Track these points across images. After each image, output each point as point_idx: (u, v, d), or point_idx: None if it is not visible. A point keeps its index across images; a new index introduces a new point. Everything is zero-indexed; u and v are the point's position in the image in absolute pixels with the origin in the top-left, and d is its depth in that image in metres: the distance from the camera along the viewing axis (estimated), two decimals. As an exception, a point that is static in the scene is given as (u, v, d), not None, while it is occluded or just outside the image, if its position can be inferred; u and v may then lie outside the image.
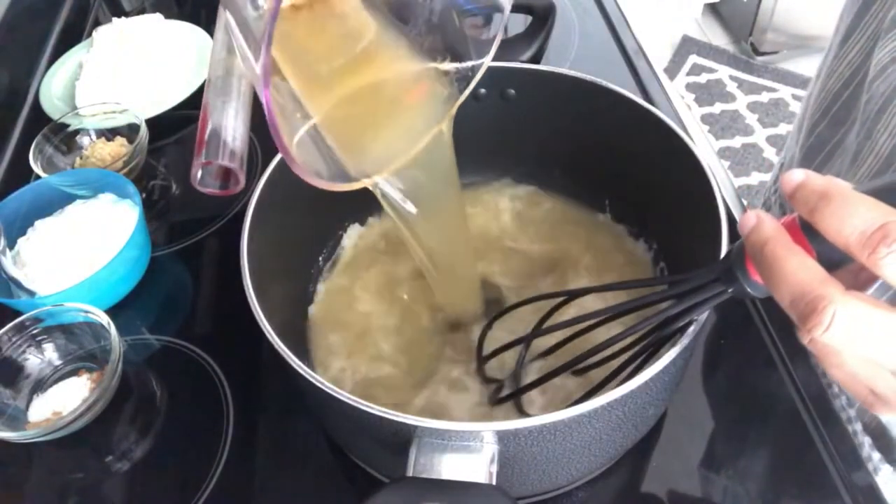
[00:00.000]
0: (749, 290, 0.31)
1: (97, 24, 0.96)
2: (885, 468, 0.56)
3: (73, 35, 0.98)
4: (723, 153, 1.99)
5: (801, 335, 0.27)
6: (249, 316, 0.42)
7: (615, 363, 0.42)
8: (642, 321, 0.38)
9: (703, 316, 0.39)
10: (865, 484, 0.49)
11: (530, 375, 0.50)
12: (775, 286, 0.27)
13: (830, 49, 0.60)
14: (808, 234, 0.27)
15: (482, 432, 0.37)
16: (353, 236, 0.63)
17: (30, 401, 0.57)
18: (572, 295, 0.46)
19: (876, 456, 0.57)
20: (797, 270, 0.26)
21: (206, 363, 0.59)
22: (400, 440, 0.38)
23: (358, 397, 0.38)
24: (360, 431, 0.44)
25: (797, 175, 0.27)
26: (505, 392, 0.49)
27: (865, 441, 0.57)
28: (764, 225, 0.28)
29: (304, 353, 0.56)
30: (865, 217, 0.24)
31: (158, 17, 0.93)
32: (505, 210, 0.63)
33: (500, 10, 0.39)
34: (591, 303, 0.53)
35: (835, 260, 0.27)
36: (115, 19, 0.92)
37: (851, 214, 0.25)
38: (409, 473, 0.37)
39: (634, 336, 0.39)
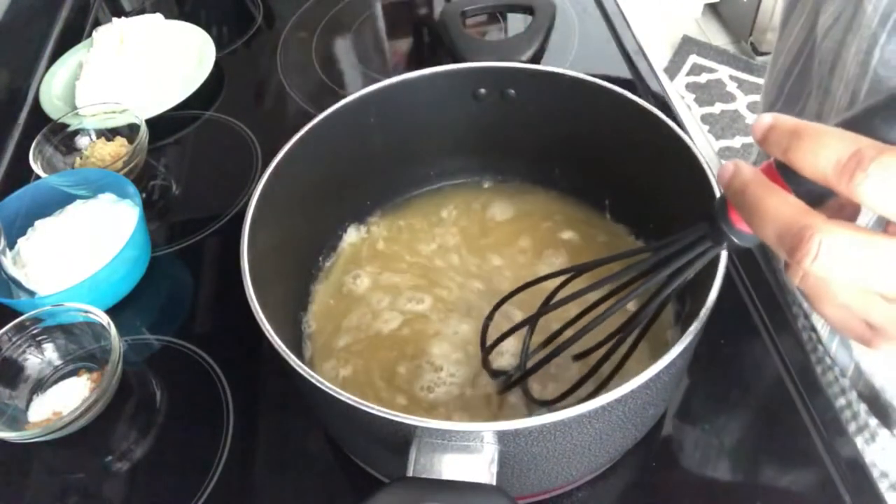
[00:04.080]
0: (736, 240, 0.32)
1: (97, 24, 0.96)
2: (883, 433, 0.57)
3: (73, 35, 0.98)
4: (723, 153, 1.99)
5: (792, 273, 0.27)
6: (249, 316, 0.42)
7: (617, 336, 0.42)
8: (635, 289, 0.38)
9: (703, 316, 0.39)
10: (849, 454, 0.50)
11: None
12: (760, 226, 0.27)
13: (777, 31, 0.63)
14: (784, 175, 0.28)
15: (482, 432, 0.37)
16: (352, 236, 0.63)
17: (30, 401, 0.57)
18: (565, 273, 0.46)
19: (873, 422, 0.57)
20: (779, 206, 0.27)
21: (206, 363, 0.59)
22: (400, 440, 0.38)
23: (358, 397, 0.38)
24: (360, 431, 0.44)
25: (766, 118, 0.27)
26: (511, 380, 0.50)
27: (861, 409, 0.58)
28: (742, 171, 0.29)
29: (303, 353, 0.56)
30: (838, 147, 0.25)
31: (158, 17, 0.93)
32: (505, 210, 0.63)
33: None
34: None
35: (814, 195, 0.27)
36: (115, 19, 0.92)
37: (824, 146, 0.25)
38: (410, 473, 0.37)
39: (629, 304, 0.39)
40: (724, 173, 0.29)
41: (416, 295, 0.58)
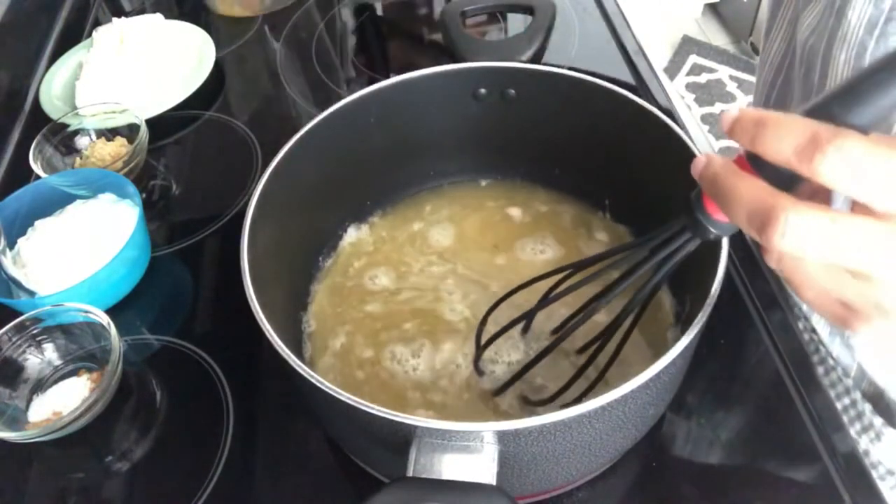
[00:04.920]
0: (713, 230, 0.33)
1: (97, 24, 0.96)
2: (888, 432, 0.58)
3: (73, 35, 0.98)
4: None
5: (767, 256, 0.29)
6: (249, 316, 0.42)
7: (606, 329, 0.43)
8: (622, 281, 0.40)
9: (703, 316, 0.40)
10: (846, 449, 0.50)
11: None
12: (732, 209, 0.29)
13: (761, 43, 0.65)
14: (754, 164, 0.29)
15: (482, 432, 0.37)
16: (352, 236, 0.63)
17: (30, 401, 0.57)
18: (557, 272, 0.46)
19: (878, 421, 0.58)
20: (749, 189, 0.28)
21: (206, 363, 0.59)
22: (400, 440, 0.38)
23: (358, 397, 0.38)
24: (360, 431, 0.44)
25: (733, 112, 0.29)
26: (504, 380, 0.50)
27: (866, 408, 0.58)
28: (713, 161, 0.31)
29: (303, 353, 0.56)
30: (798, 132, 0.26)
31: (158, 17, 0.93)
32: (505, 210, 0.63)
33: None
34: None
35: (784, 181, 0.28)
36: (115, 19, 0.92)
37: (786, 132, 0.27)
38: (410, 473, 0.37)
39: (616, 297, 0.41)
40: (698, 165, 0.31)
41: (417, 293, 0.58)
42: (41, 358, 0.59)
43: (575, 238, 0.61)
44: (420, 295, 0.58)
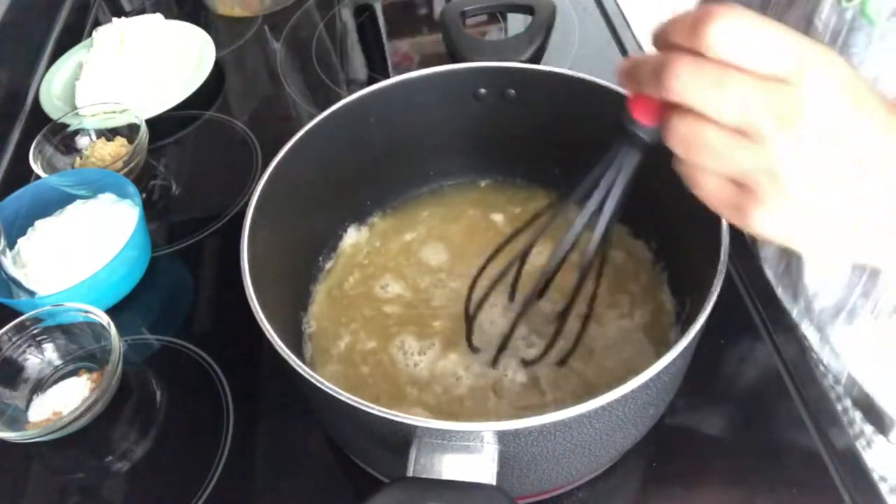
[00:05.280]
0: (644, 136, 0.36)
1: (97, 24, 0.96)
2: (879, 439, 0.58)
3: (73, 35, 0.98)
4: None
5: (668, 131, 0.32)
6: (249, 316, 0.42)
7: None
8: (577, 220, 0.42)
9: (704, 316, 0.40)
10: (844, 447, 0.50)
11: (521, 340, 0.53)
12: (643, 77, 0.32)
13: None
14: None
15: (482, 432, 0.37)
16: (352, 236, 0.63)
17: (30, 401, 0.57)
18: (518, 233, 0.48)
19: (868, 429, 0.58)
20: (657, 55, 0.32)
21: (206, 363, 0.59)
22: (400, 440, 0.38)
23: (362, 388, 0.38)
24: (360, 431, 0.44)
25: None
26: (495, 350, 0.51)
27: (857, 416, 0.59)
28: (635, 56, 0.34)
29: (304, 354, 0.56)
30: (686, 20, 0.30)
31: (158, 17, 0.93)
32: (505, 209, 0.63)
33: None
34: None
35: None
36: (115, 19, 0.92)
37: (680, 22, 0.31)
38: (410, 473, 0.37)
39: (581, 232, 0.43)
40: (621, 66, 0.34)
41: (417, 293, 0.58)
42: (41, 358, 0.59)
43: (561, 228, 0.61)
44: (458, 302, 0.58)
